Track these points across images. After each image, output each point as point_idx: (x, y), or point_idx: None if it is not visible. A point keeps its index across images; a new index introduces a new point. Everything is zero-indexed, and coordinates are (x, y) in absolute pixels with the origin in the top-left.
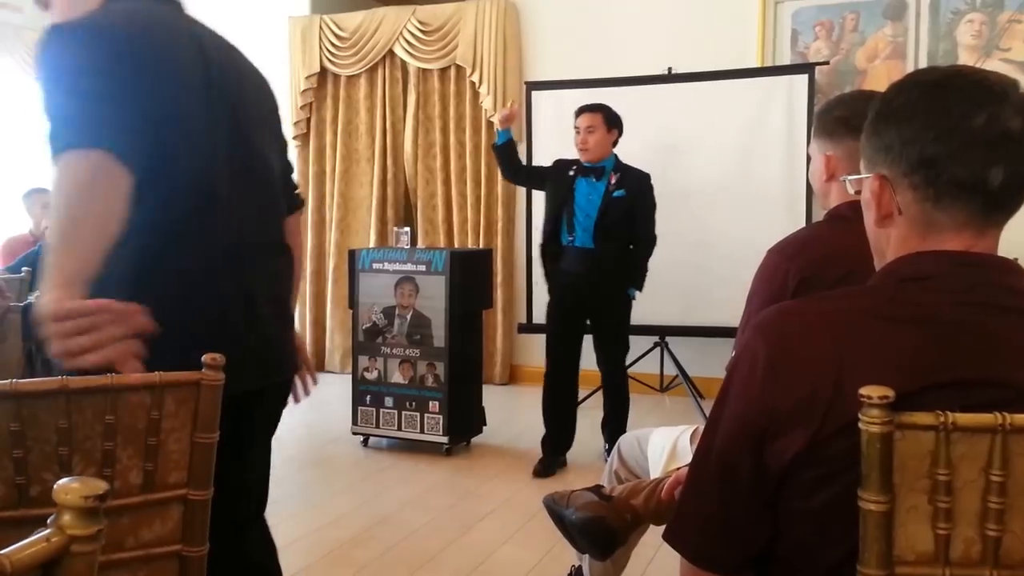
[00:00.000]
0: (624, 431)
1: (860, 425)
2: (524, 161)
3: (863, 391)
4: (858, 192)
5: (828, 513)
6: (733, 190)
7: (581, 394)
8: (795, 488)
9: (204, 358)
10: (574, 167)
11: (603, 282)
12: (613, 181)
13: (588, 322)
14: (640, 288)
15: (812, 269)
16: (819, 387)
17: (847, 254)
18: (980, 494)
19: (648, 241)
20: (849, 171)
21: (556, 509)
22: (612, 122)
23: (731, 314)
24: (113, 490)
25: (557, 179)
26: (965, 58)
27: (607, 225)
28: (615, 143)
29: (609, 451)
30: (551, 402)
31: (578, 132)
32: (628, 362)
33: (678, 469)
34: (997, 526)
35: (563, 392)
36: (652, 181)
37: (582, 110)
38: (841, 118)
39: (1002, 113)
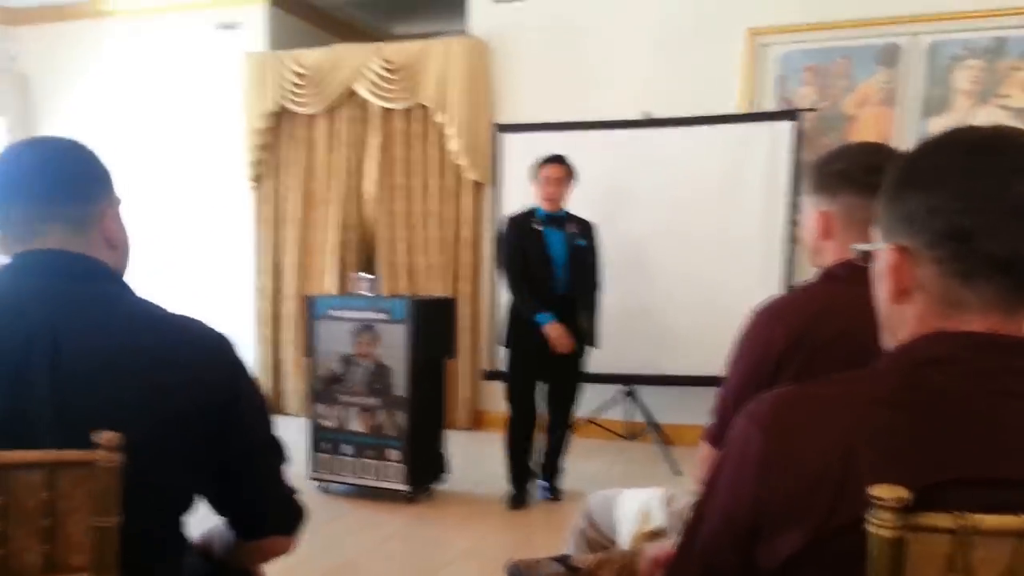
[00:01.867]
0: (561, 473)
1: (869, 528)
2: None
3: (874, 492)
4: (865, 263)
5: None
6: (709, 237)
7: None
8: None
9: (98, 438)
10: (532, 219)
11: (577, 328)
12: (573, 230)
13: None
14: (594, 344)
15: (804, 328)
16: (821, 482)
17: (842, 313)
18: None
19: (599, 287)
20: (847, 229)
21: None
22: (573, 175)
23: (701, 363)
24: (9, 570)
25: (524, 235)
26: (961, 104)
27: (576, 273)
28: None
29: (548, 486)
30: (517, 448)
31: (547, 183)
32: (595, 408)
33: (650, 535)
34: None
35: (527, 437)
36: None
37: (552, 160)
38: (841, 172)
39: None
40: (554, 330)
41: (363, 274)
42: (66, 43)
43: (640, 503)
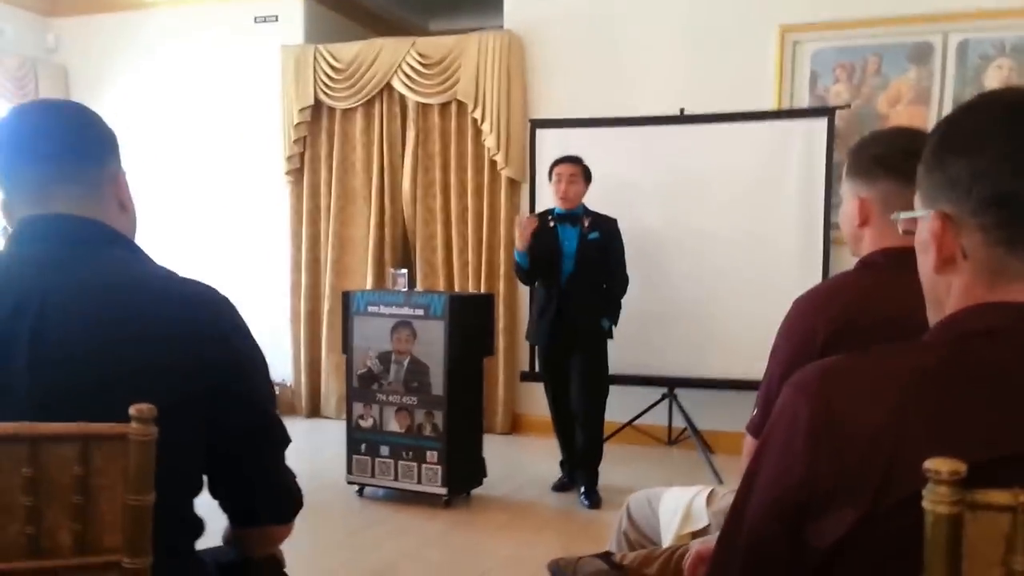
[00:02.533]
0: (597, 479)
1: (924, 505)
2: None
3: (929, 465)
4: (907, 233)
5: None
6: (746, 236)
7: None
8: (843, 573)
9: (131, 410)
10: (549, 216)
11: (578, 320)
12: (587, 224)
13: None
14: (615, 322)
15: (844, 318)
16: (873, 457)
17: (880, 303)
18: None
19: (622, 281)
20: (885, 216)
21: None
22: (588, 176)
23: (742, 365)
24: (40, 549)
25: (540, 234)
26: None
27: (582, 267)
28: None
29: (586, 495)
30: (557, 425)
31: (559, 180)
32: (635, 414)
33: (693, 535)
34: None
35: (564, 415)
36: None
37: (564, 160)
38: (877, 157)
39: None
40: (516, 229)
41: (400, 270)
42: (105, 34)
43: (682, 502)
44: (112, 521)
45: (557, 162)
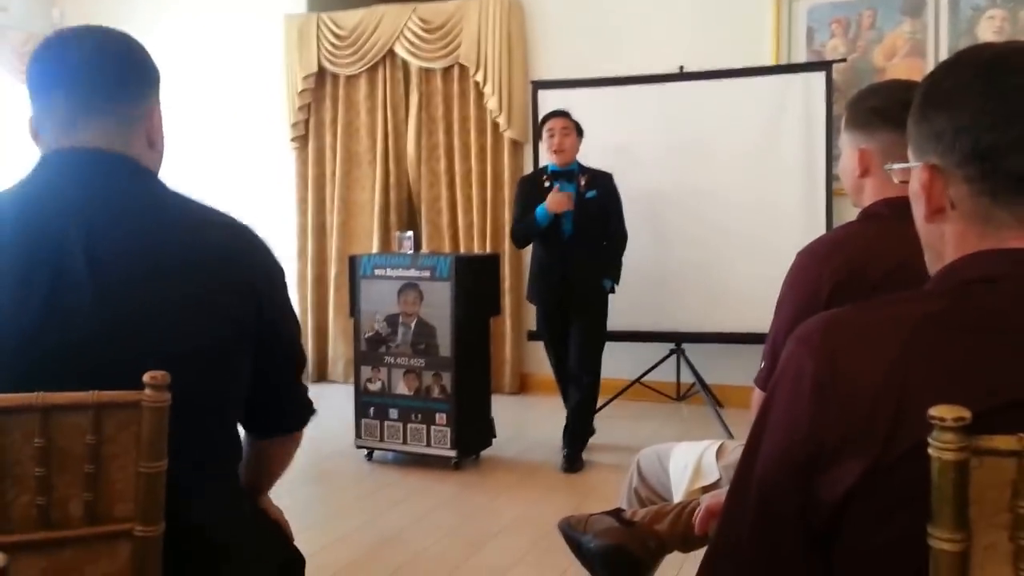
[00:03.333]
0: (585, 439)
1: (931, 451)
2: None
3: (934, 412)
4: (903, 183)
5: (891, 552)
6: (749, 191)
7: (601, 400)
8: (852, 524)
9: (145, 377)
10: (544, 176)
11: (581, 278)
12: (583, 183)
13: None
14: (616, 280)
15: (848, 270)
16: (878, 408)
17: (888, 252)
18: None
19: (622, 238)
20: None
21: (573, 536)
22: (580, 131)
23: (749, 319)
24: (50, 520)
25: (535, 194)
26: None
27: (582, 226)
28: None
29: (568, 459)
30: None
31: (552, 135)
32: (643, 371)
33: (704, 489)
34: None
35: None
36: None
37: (554, 114)
38: (875, 108)
39: None
40: (553, 196)
41: (406, 232)
42: (109, 7)
43: (692, 457)
44: (124, 490)
45: (547, 117)
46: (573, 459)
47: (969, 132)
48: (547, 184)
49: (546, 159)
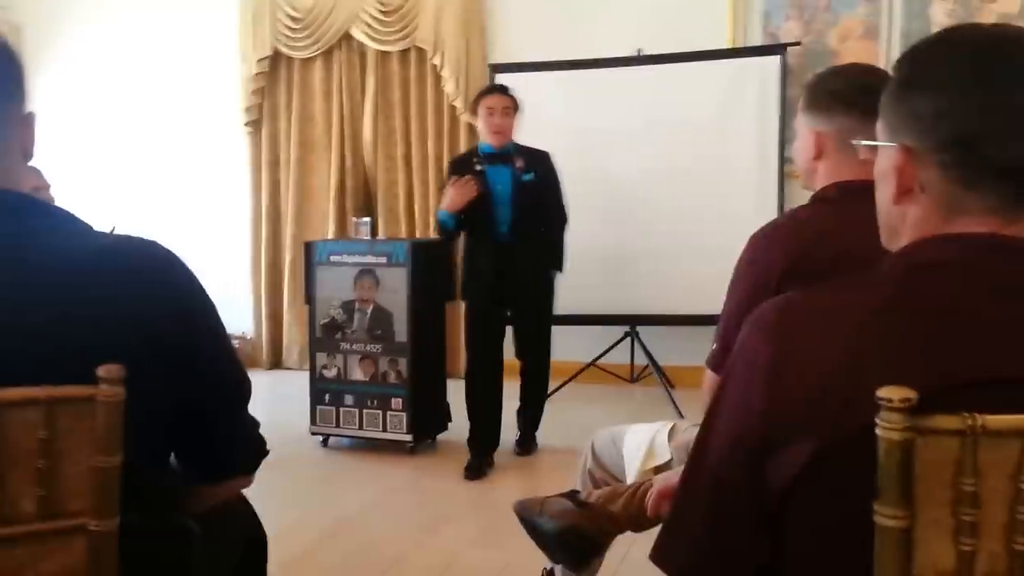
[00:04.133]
0: (538, 423)
1: (878, 431)
2: None
3: (882, 393)
4: (859, 165)
5: (840, 530)
6: (703, 173)
7: (556, 383)
8: (803, 503)
9: (100, 370)
10: (475, 159)
11: (523, 271)
12: (519, 165)
13: (508, 313)
14: (561, 268)
15: (800, 253)
16: (829, 391)
17: (838, 236)
18: (1008, 505)
19: (561, 219)
20: (840, 150)
21: (528, 518)
22: (518, 106)
23: (701, 302)
24: (2, 516)
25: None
26: None
27: (522, 211)
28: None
29: (520, 444)
30: (475, 399)
31: (492, 113)
32: (597, 353)
33: (656, 469)
34: None
35: (487, 389)
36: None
37: (495, 89)
38: (835, 92)
39: None
40: (449, 191)
41: (362, 218)
42: None
43: (645, 438)
44: (78, 484)
45: (484, 93)
46: (527, 442)
47: (951, 117)
48: (478, 168)
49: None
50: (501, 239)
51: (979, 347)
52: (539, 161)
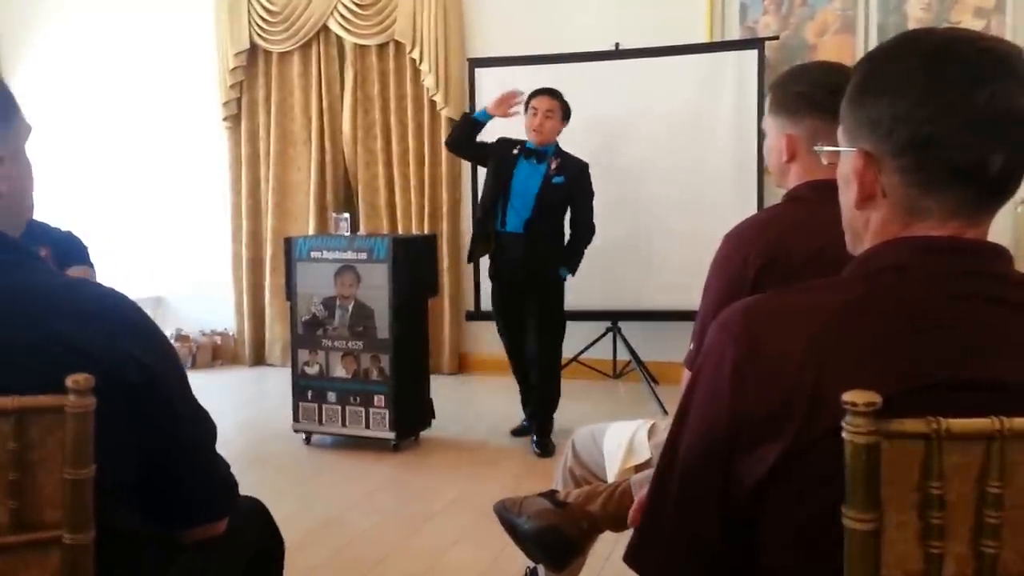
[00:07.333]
0: (551, 423)
1: (844, 435)
2: None
3: (847, 397)
4: (831, 165)
5: (810, 530)
6: (683, 168)
7: None
8: (772, 504)
9: (68, 380)
10: (518, 147)
11: (536, 268)
12: (553, 167)
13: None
14: (573, 272)
15: (774, 252)
16: (795, 392)
17: (812, 235)
18: (975, 507)
19: (587, 230)
20: (811, 152)
21: (508, 518)
22: (566, 114)
23: (683, 296)
24: None
25: (501, 157)
26: None
27: (543, 210)
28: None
29: (537, 444)
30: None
31: (535, 113)
32: (580, 348)
33: (636, 468)
34: (994, 542)
35: (517, 372)
36: (592, 167)
37: (543, 92)
38: (802, 94)
39: (1007, 89)
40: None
41: (343, 214)
42: None
43: (625, 436)
44: (51, 496)
45: (535, 94)
46: (544, 442)
47: (907, 122)
48: (515, 152)
49: (489, 136)
50: (516, 232)
51: (939, 350)
52: (574, 168)
